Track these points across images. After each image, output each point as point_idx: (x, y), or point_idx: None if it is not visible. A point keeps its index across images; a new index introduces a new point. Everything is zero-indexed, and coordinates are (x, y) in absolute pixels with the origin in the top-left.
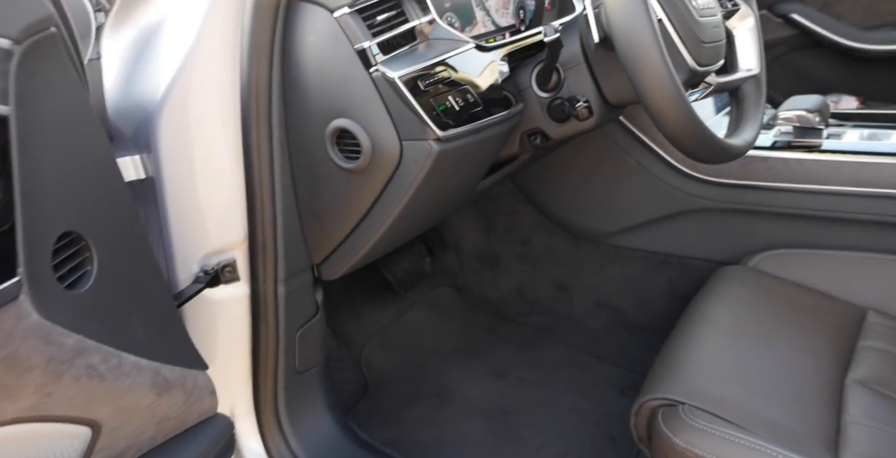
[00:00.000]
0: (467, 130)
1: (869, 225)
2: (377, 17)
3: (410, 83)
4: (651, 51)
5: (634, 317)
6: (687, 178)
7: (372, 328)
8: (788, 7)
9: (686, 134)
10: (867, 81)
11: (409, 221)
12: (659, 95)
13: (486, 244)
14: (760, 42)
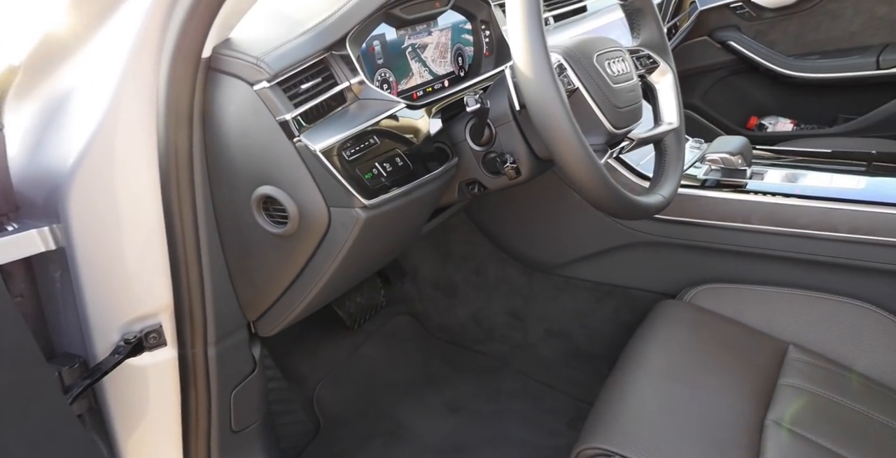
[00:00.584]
0: (397, 195)
1: (789, 262)
2: (301, 85)
3: (334, 153)
4: (562, 124)
5: (584, 345)
6: None
7: (326, 365)
8: (726, 35)
9: (601, 198)
10: (800, 104)
11: (346, 275)
12: (573, 164)
13: (443, 273)
14: (679, 96)
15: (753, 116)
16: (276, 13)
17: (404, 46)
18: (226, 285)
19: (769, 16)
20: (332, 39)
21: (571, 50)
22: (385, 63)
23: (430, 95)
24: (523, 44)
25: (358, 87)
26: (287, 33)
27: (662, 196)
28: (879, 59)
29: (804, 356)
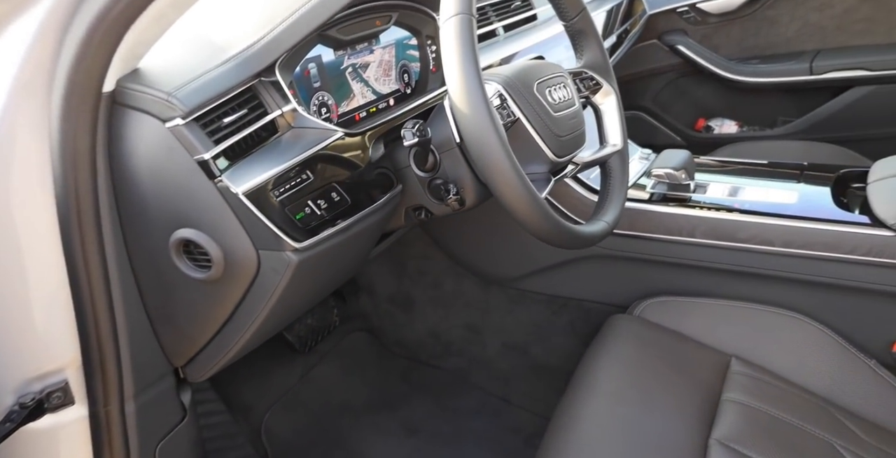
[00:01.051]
0: (334, 233)
1: (732, 274)
2: (223, 119)
3: (260, 194)
4: (500, 161)
5: (540, 358)
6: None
7: (276, 391)
8: (674, 38)
9: (542, 231)
10: (743, 107)
11: (285, 314)
12: (513, 199)
13: (399, 287)
14: (622, 117)
15: (701, 118)
16: (194, 39)
17: (344, 67)
18: (145, 333)
19: (713, 21)
20: (258, 68)
21: (511, 79)
22: (322, 86)
23: (374, 116)
24: (458, 80)
25: (291, 114)
26: (207, 62)
27: (606, 222)
28: (812, 65)
29: (746, 369)
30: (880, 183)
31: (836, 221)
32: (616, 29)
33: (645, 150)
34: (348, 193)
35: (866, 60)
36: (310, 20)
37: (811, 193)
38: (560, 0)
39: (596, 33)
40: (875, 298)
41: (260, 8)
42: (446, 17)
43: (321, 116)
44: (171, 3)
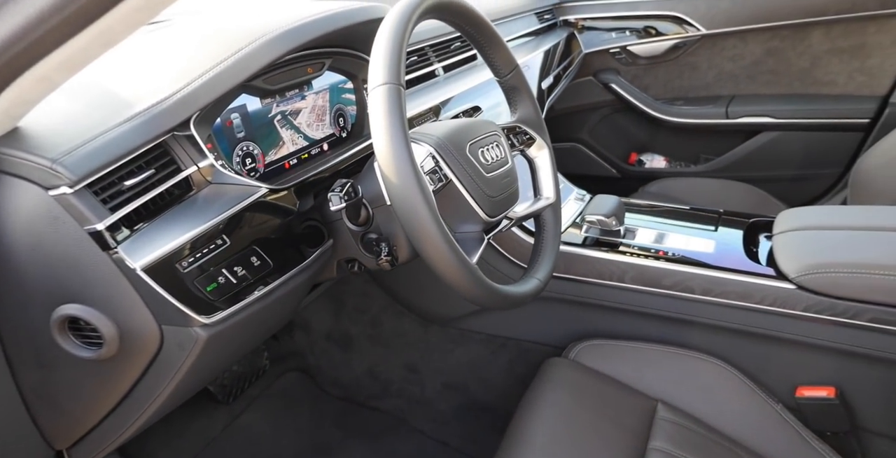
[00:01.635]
0: (251, 302)
1: (659, 319)
2: (124, 181)
3: (164, 267)
4: (427, 228)
5: (480, 397)
6: (519, 268)
7: (196, 445)
8: (607, 77)
9: (472, 295)
10: (670, 143)
11: (194, 386)
12: (441, 265)
13: (337, 325)
14: (555, 171)
15: (633, 152)
16: (97, 93)
17: (272, 115)
18: (18, 416)
19: (642, 63)
20: (168, 125)
21: (443, 141)
22: (247, 136)
23: (305, 163)
24: (386, 151)
25: (209, 169)
26: (108, 119)
27: (538, 280)
28: (728, 110)
29: (670, 415)
30: (783, 236)
31: (746, 273)
32: (554, 68)
33: (580, 191)
34: (271, 255)
35: (772, 109)
36: (229, 77)
37: (726, 243)
38: (493, 58)
39: (528, 90)
40: (781, 345)
41: (176, 62)
42: (374, 85)
43: (245, 166)
44: (56, 66)
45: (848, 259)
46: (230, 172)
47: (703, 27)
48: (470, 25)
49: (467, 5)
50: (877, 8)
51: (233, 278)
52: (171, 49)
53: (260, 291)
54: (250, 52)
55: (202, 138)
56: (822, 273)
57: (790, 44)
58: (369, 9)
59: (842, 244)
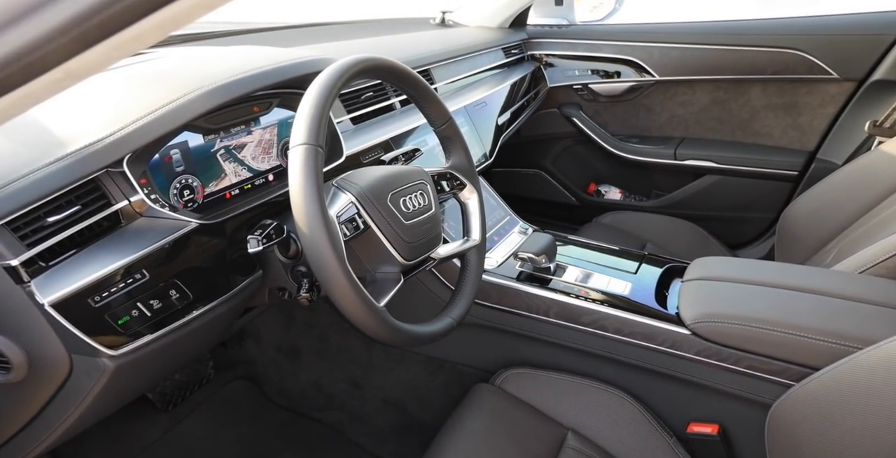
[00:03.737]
0: (162, 335)
1: (577, 352)
2: (48, 218)
3: (74, 302)
4: (336, 280)
5: (417, 416)
6: None
7: (132, 450)
8: (569, 111)
9: (383, 337)
10: (626, 177)
11: (107, 408)
12: (347, 307)
13: (286, 337)
14: (483, 214)
15: (592, 183)
16: (30, 130)
17: (215, 150)
18: None
19: (603, 100)
20: (98, 166)
21: (365, 191)
22: (187, 170)
23: (248, 193)
24: (298, 201)
25: (140, 203)
26: (37, 159)
27: (451, 319)
28: (676, 151)
29: (577, 444)
30: (690, 284)
31: (653, 315)
32: (519, 98)
33: (525, 225)
34: (194, 286)
35: (715, 154)
36: (161, 125)
37: (641, 286)
38: (427, 110)
39: (461, 140)
40: (677, 384)
41: (114, 104)
42: (293, 144)
43: (183, 198)
44: None
45: (735, 311)
46: (160, 207)
47: (657, 73)
48: (402, 82)
49: (397, 65)
50: (805, 73)
51: (147, 311)
52: (112, 91)
53: (172, 324)
54: (183, 103)
55: (136, 174)
56: (712, 322)
57: (733, 96)
58: (308, 63)
59: (734, 297)
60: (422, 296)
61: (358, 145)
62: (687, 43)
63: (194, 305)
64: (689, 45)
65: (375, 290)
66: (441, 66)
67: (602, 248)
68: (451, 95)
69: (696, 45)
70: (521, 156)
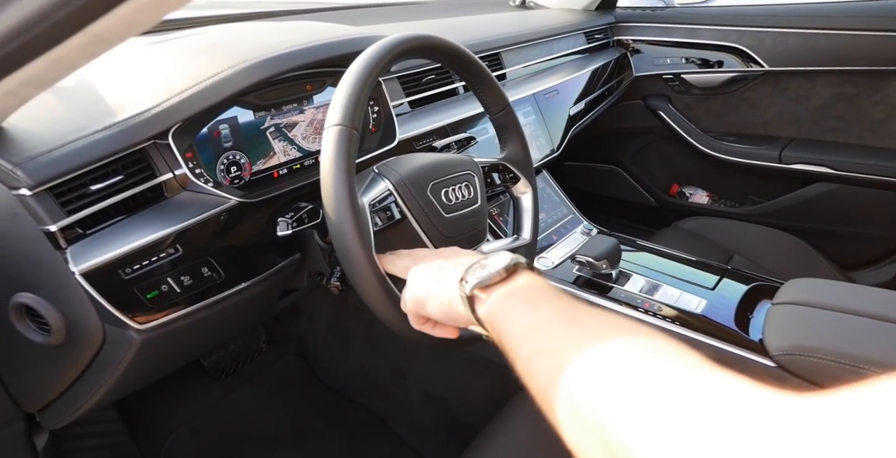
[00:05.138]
0: (189, 312)
1: None
2: (91, 185)
3: (106, 272)
4: (357, 262)
5: (459, 415)
6: None
7: (186, 413)
8: (657, 104)
9: (401, 331)
10: (716, 179)
11: (142, 377)
12: (371, 301)
13: (337, 319)
14: (536, 212)
15: (675, 184)
16: (83, 97)
17: (265, 127)
18: None
19: (696, 92)
20: (143, 136)
21: (403, 179)
22: (235, 145)
23: (297, 174)
24: (327, 186)
25: (184, 177)
26: (85, 126)
27: None
28: (782, 154)
29: None
30: (781, 308)
31: (731, 341)
32: (599, 87)
33: (589, 224)
34: (227, 265)
35: (831, 159)
36: (206, 97)
37: (719, 305)
38: (483, 96)
39: (518, 129)
40: None
41: (162, 76)
42: (328, 124)
43: (229, 174)
44: (23, 81)
45: (834, 346)
46: (203, 183)
47: (767, 63)
48: (455, 64)
49: (450, 45)
50: None
51: (177, 287)
52: (162, 63)
53: (200, 303)
54: (226, 77)
55: (181, 147)
56: (803, 356)
57: (865, 91)
58: (356, 41)
59: (835, 329)
60: None
61: (413, 130)
62: (809, 28)
63: (227, 284)
64: (811, 30)
65: None
66: (512, 51)
67: (676, 257)
68: (520, 81)
69: (821, 31)
70: (597, 150)
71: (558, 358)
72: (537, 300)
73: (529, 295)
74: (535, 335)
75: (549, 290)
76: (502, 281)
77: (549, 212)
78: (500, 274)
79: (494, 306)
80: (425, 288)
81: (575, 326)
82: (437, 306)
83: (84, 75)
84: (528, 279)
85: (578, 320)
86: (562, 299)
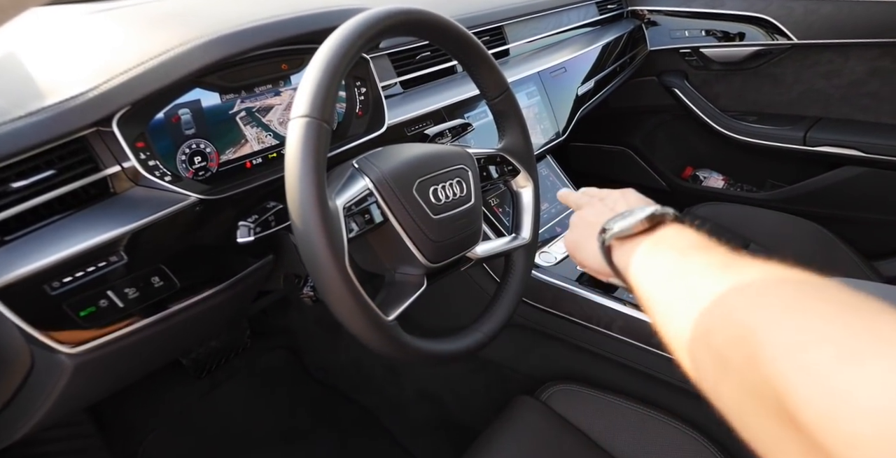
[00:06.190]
0: (132, 331)
1: (642, 375)
2: (12, 183)
3: (24, 288)
4: (327, 275)
5: (455, 414)
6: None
7: (165, 412)
8: (672, 81)
9: (382, 350)
10: (733, 162)
11: (78, 404)
12: (344, 318)
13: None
14: (538, 209)
15: (689, 166)
16: (4, 76)
17: (234, 111)
18: None
19: (716, 68)
20: (79, 124)
21: (386, 177)
22: (199, 133)
23: (273, 163)
24: (291, 187)
25: (135, 171)
26: (7, 111)
27: (482, 333)
28: (807, 136)
29: None
30: None
31: None
32: (610, 64)
33: None
34: (182, 273)
35: (862, 141)
36: (159, 76)
37: None
38: (480, 78)
39: (519, 116)
40: None
41: (106, 51)
42: (294, 116)
43: (193, 165)
44: None
45: None
46: (156, 177)
47: (796, 36)
48: (448, 43)
49: (441, 21)
50: None
51: (120, 301)
52: (104, 36)
53: (151, 317)
54: (177, 55)
55: (130, 136)
56: None
57: None
58: (331, 15)
59: None
60: (463, 288)
61: (405, 114)
62: None
63: (185, 293)
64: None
65: (392, 294)
66: (517, 23)
67: None
68: (525, 58)
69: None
70: (606, 130)
71: (706, 300)
72: (685, 249)
73: (676, 245)
74: (681, 281)
75: (700, 241)
76: (646, 232)
77: (554, 201)
78: (643, 224)
79: (633, 256)
80: (573, 237)
81: (729, 271)
82: (583, 256)
83: (9, 51)
84: (676, 231)
85: (734, 266)
86: (715, 249)
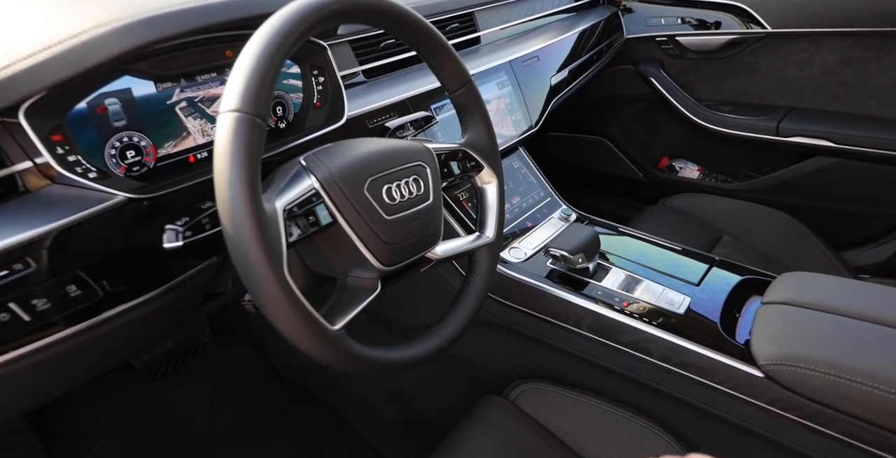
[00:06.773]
0: (39, 348)
1: (611, 373)
2: None
3: None
4: (263, 283)
5: (424, 412)
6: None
7: (119, 416)
8: (648, 70)
9: (331, 362)
10: (710, 152)
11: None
12: (286, 331)
13: None
14: (502, 206)
15: (665, 156)
16: None
17: (172, 102)
18: None
19: (691, 57)
20: None
21: (334, 176)
22: (131, 125)
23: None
24: (220, 187)
25: (51, 168)
26: None
27: (441, 338)
28: (779, 126)
29: None
30: (770, 309)
31: (714, 346)
32: (586, 52)
33: (569, 209)
34: (105, 279)
35: (832, 132)
36: (68, 63)
37: (704, 304)
38: (441, 69)
39: (482, 109)
40: (739, 433)
41: (10, 32)
42: (222, 110)
43: (125, 160)
44: None
45: (829, 357)
46: (76, 174)
47: (770, 24)
48: (403, 31)
49: (392, 6)
50: None
51: (25, 314)
52: (9, 15)
53: (70, 329)
54: (91, 39)
55: (43, 128)
56: (794, 367)
57: (875, 54)
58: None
59: (831, 335)
60: (429, 282)
61: (366, 105)
62: None
63: (112, 301)
64: None
65: (343, 299)
66: (489, 9)
67: (662, 245)
68: (496, 46)
69: None
70: (582, 120)
71: None
72: None
73: None
74: None
75: None
76: None
77: (525, 195)
78: None
79: None
80: None
81: None
82: None
83: None
84: None
85: None
86: None
